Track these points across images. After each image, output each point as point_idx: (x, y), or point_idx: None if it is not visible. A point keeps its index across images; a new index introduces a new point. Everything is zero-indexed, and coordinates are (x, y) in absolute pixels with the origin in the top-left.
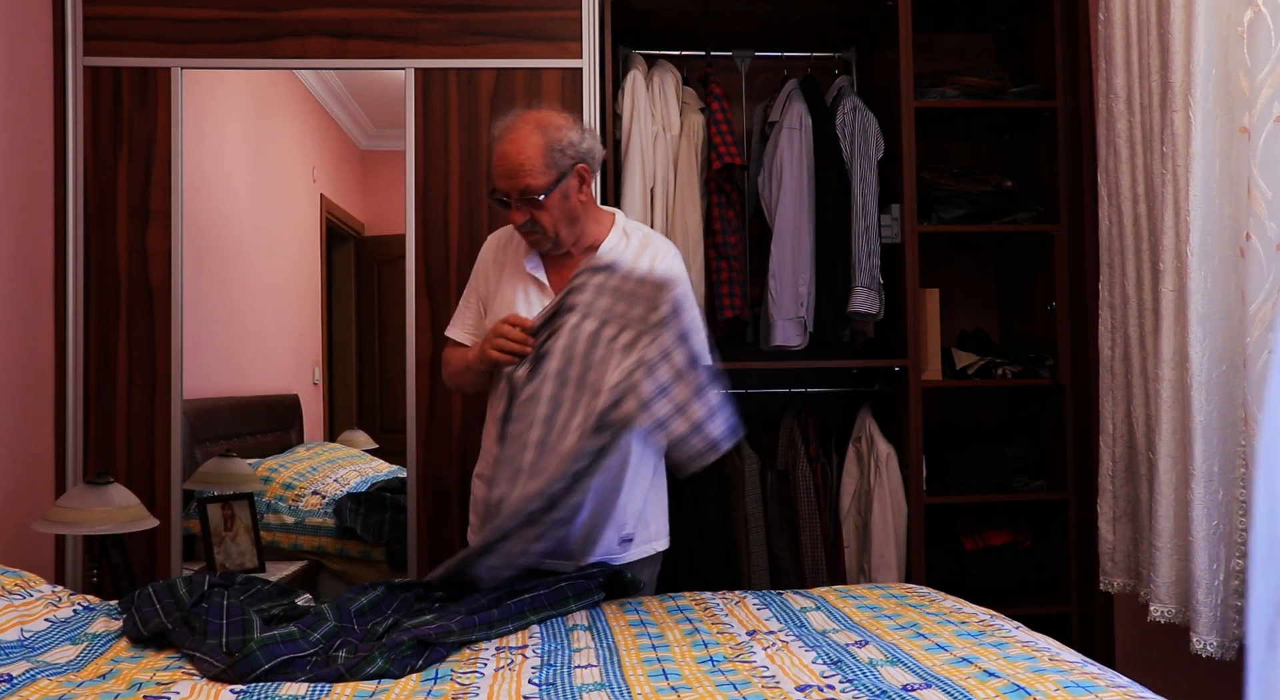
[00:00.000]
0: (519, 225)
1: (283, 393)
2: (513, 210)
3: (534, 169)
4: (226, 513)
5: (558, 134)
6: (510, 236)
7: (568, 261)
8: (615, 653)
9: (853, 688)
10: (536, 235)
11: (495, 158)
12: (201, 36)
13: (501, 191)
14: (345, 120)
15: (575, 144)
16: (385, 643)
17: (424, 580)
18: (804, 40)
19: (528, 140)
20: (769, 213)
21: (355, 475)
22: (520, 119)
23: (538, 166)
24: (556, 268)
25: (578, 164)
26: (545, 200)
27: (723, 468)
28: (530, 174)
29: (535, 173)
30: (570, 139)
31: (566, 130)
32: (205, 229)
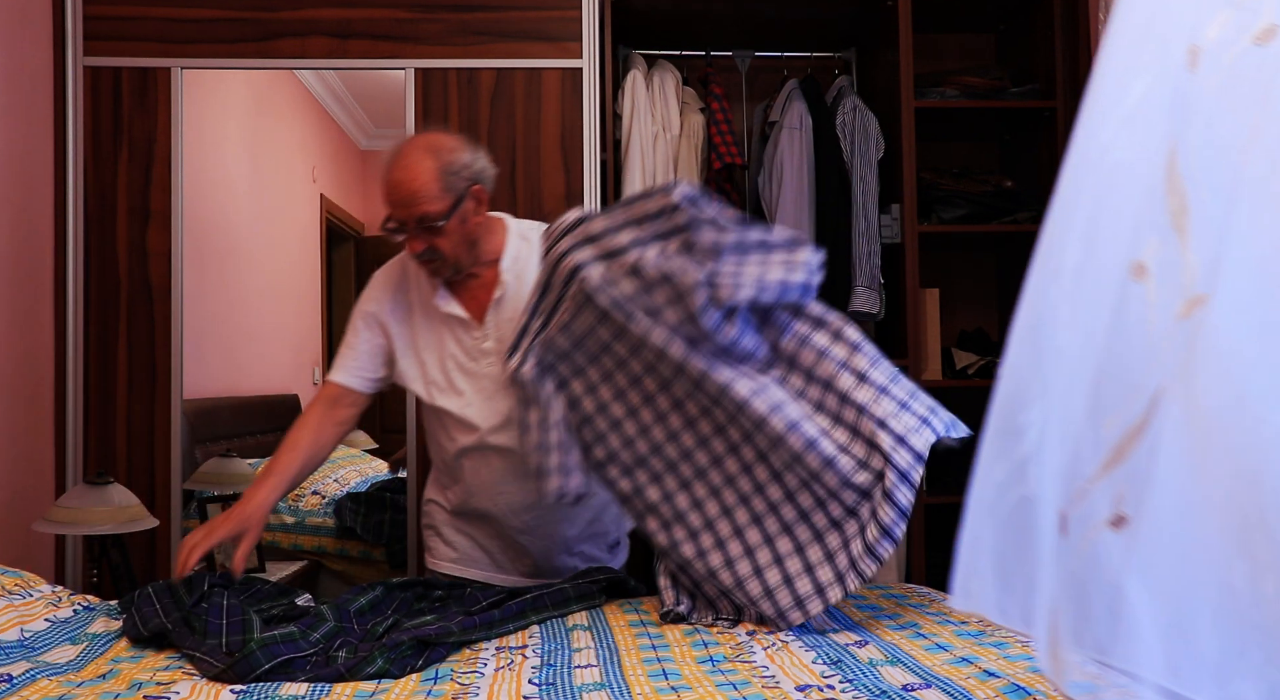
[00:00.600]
0: (417, 254)
1: (283, 393)
2: (410, 239)
3: (429, 195)
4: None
5: (450, 156)
6: (403, 277)
7: (474, 282)
8: (615, 653)
9: (853, 688)
10: (436, 263)
11: (387, 186)
12: (201, 36)
13: (396, 220)
14: (345, 120)
15: (468, 165)
16: (385, 643)
17: (424, 579)
18: (804, 40)
19: (420, 165)
20: (769, 213)
21: (355, 475)
22: (409, 144)
23: (433, 192)
24: (468, 293)
25: (473, 185)
26: (445, 226)
27: None
28: (426, 200)
29: (431, 199)
30: (463, 160)
31: (458, 152)
32: (205, 229)
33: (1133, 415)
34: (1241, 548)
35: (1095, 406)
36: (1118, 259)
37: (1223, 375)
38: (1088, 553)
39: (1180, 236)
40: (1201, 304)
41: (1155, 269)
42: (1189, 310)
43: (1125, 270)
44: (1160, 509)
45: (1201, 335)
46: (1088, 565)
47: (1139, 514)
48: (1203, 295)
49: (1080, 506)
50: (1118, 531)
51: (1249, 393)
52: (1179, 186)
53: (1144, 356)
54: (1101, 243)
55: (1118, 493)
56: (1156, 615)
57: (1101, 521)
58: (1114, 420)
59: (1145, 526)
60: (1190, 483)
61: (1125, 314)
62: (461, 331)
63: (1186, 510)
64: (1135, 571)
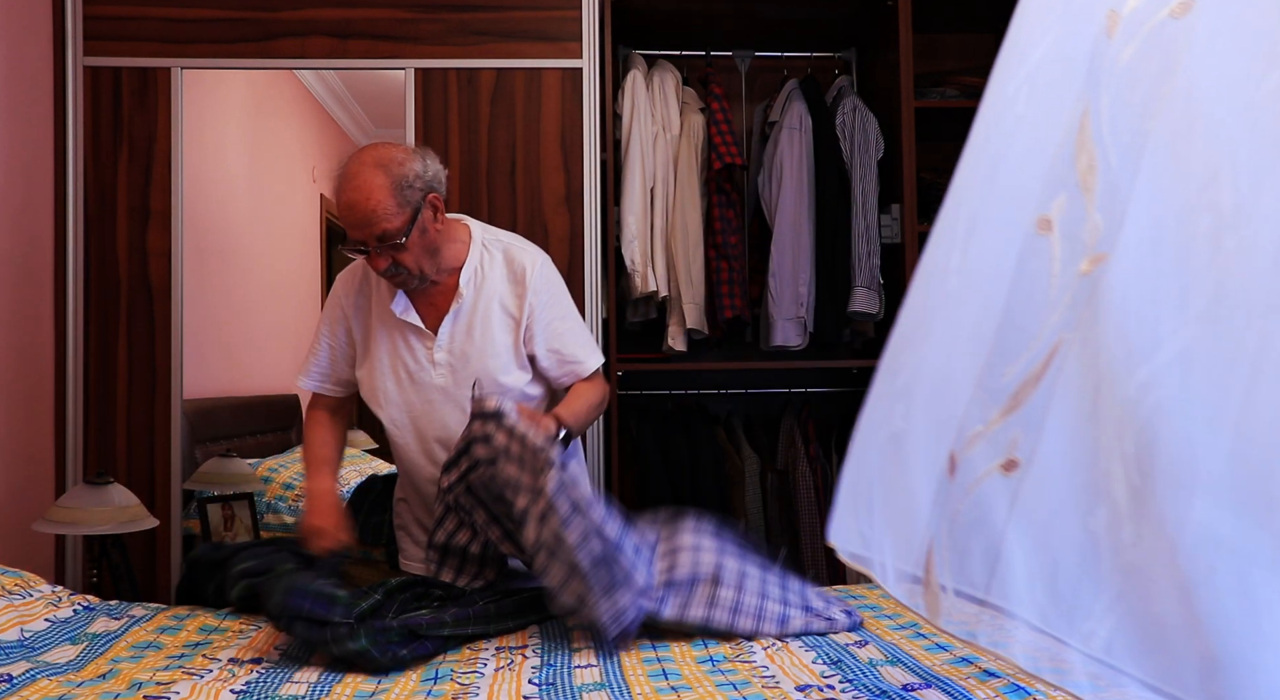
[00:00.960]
0: (381, 271)
1: (283, 393)
2: (373, 258)
3: (387, 212)
4: (226, 513)
5: (401, 169)
6: (364, 278)
7: (434, 289)
8: (615, 653)
9: (853, 688)
10: (401, 277)
11: (342, 207)
12: (201, 36)
13: (357, 242)
14: (345, 120)
15: (420, 174)
16: (374, 625)
17: (423, 578)
18: (804, 40)
19: (373, 183)
20: (769, 213)
21: (355, 475)
22: (358, 163)
23: (390, 209)
24: (427, 301)
25: (428, 194)
26: (406, 241)
27: (723, 468)
28: (384, 218)
29: (389, 216)
30: (415, 170)
31: (409, 162)
32: (205, 229)
33: (1031, 365)
34: (1107, 495)
35: (995, 355)
36: (1024, 213)
37: (1117, 330)
38: (974, 495)
39: (1087, 195)
40: (1103, 261)
41: (1060, 225)
42: (1091, 266)
43: (1031, 224)
44: (1049, 455)
45: (1100, 291)
46: (973, 506)
47: (1030, 459)
48: (1104, 253)
49: (972, 450)
50: (1007, 476)
51: (1137, 348)
52: (1089, 147)
53: (1044, 309)
54: (1003, 194)
55: (1011, 438)
56: (1029, 556)
57: (993, 466)
58: (1013, 369)
59: (1034, 471)
60: (1079, 432)
61: (1028, 266)
62: (415, 339)
63: (1072, 458)
64: (1018, 514)
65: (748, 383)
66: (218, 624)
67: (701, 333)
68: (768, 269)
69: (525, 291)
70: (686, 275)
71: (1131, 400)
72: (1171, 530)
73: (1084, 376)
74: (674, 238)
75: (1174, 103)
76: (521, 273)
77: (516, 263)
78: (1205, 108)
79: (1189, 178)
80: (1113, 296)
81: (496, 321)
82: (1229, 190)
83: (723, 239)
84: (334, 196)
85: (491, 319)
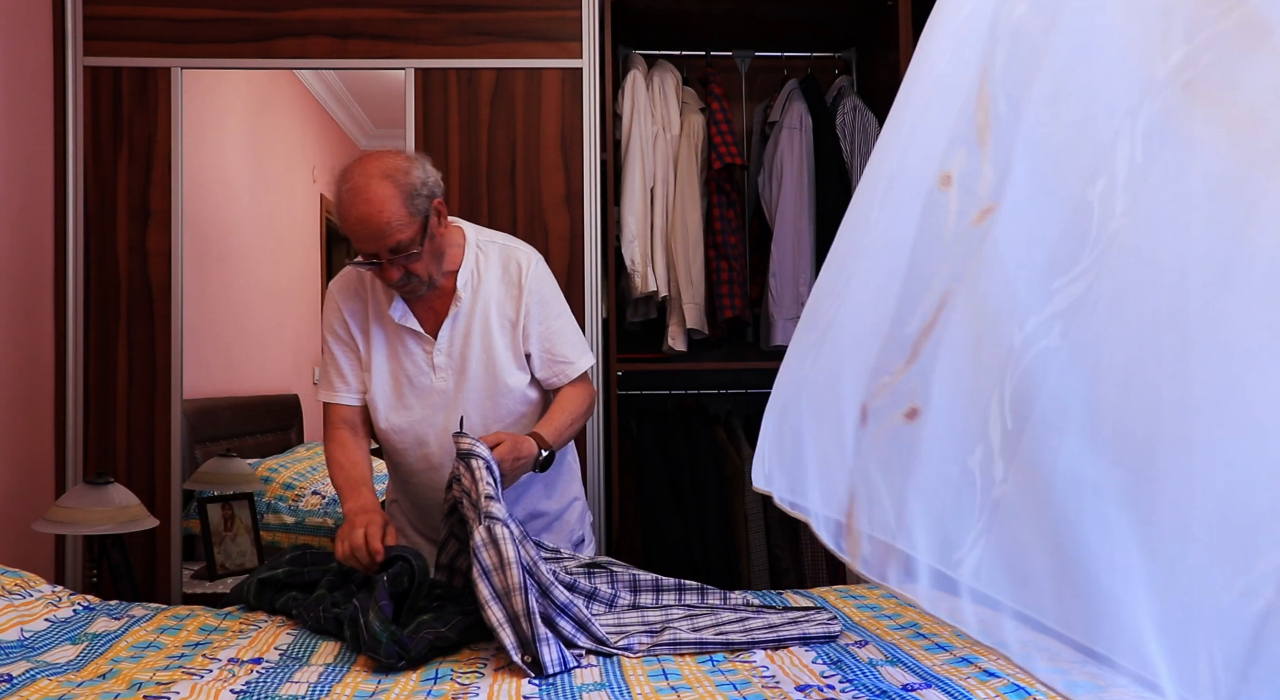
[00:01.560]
0: (393, 283)
1: (283, 393)
2: (386, 270)
3: (400, 224)
4: (226, 513)
5: (408, 179)
6: (359, 285)
7: (432, 293)
8: (615, 653)
9: (853, 688)
10: (411, 285)
11: (352, 222)
12: (201, 36)
13: (369, 255)
14: (345, 120)
15: (425, 181)
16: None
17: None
18: (804, 40)
19: (384, 195)
20: (769, 213)
21: None
22: (363, 175)
23: (403, 220)
24: (424, 306)
25: (433, 200)
26: (420, 251)
27: (723, 468)
28: (398, 229)
29: (403, 227)
30: (420, 178)
31: (413, 170)
32: (205, 229)
33: (926, 315)
34: (983, 436)
35: (900, 307)
36: (929, 168)
37: (999, 278)
38: (883, 442)
39: (982, 149)
40: (991, 212)
41: (959, 179)
42: (980, 218)
43: (935, 179)
44: (939, 401)
45: (987, 241)
46: (881, 453)
47: (926, 405)
48: (993, 204)
49: (879, 399)
50: (910, 423)
51: (1022, 298)
52: (986, 102)
53: (939, 261)
54: (917, 151)
55: (912, 387)
56: (924, 498)
57: (898, 414)
58: (914, 320)
59: (928, 418)
60: (963, 378)
61: (929, 220)
62: (414, 344)
63: (957, 403)
64: (917, 458)
65: (748, 383)
66: (218, 624)
67: (701, 333)
68: (768, 269)
69: (521, 292)
70: (686, 275)
71: (1015, 348)
72: (1041, 470)
73: (969, 325)
74: (674, 238)
75: (1056, 52)
76: (517, 273)
77: (512, 263)
78: (1081, 57)
79: (1065, 126)
80: (998, 246)
81: (495, 323)
82: (1104, 139)
83: (723, 239)
84: (339, 209)
85: (490, 321)
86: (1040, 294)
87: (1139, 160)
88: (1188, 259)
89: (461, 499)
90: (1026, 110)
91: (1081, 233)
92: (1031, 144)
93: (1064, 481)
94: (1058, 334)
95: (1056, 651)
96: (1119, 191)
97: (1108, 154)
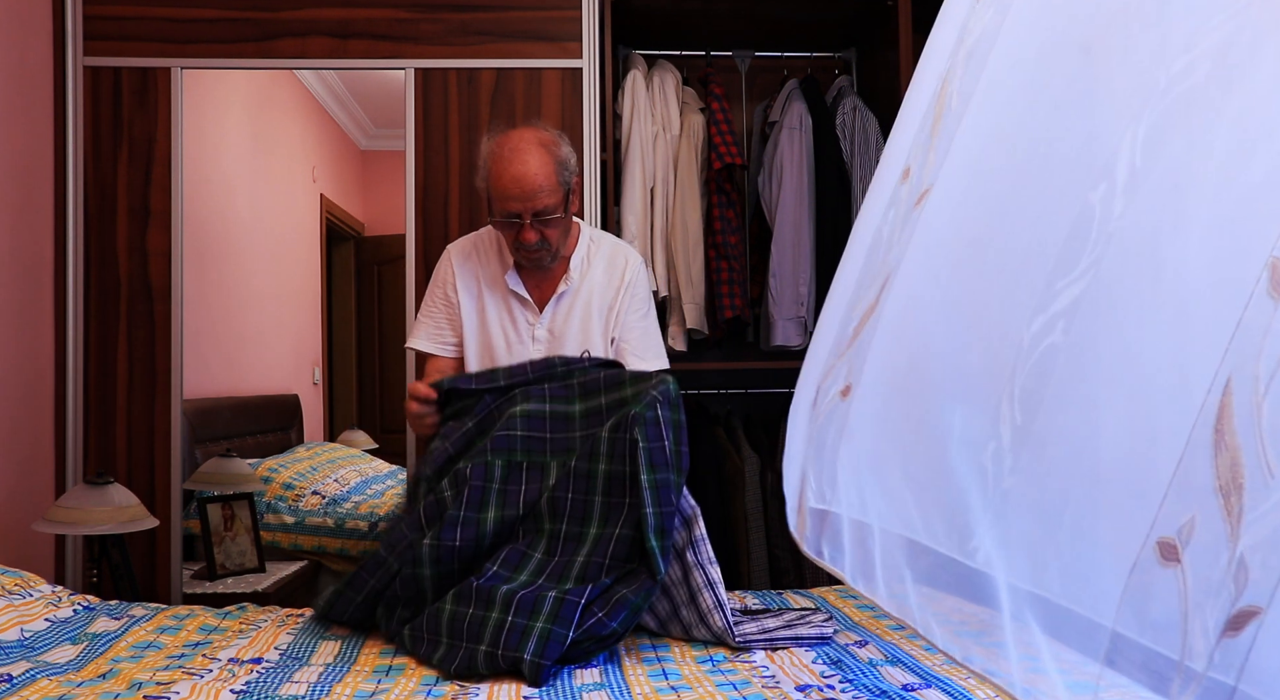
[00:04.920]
0: (530, 245)
1: (283, 393)
2: (525, 231)
3: (551, 187)
4: (226, 513)
5: (559, 151)
6: (473, 251)
7: (542, 273)
8: (615, 653)
9: (853, 688)
10: (541, 252)
11: (506, 180)
12: (201, 36)
13: (512, 214)
14: (345, 120)
15: (569, 158)
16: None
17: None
18: (804, 40)
19: (539, 160)
20: (769, 213)
21: (355, 475)
22: (522, 140)
23: (553, 185)
24: (532, 281)
25: (574, 178)
26: (561, 218)
27: (723, 468)
28: (548, 193)
29: (552, 191)
30: (567, 154)
31: (563, 146)
32: (205, 229)
33: (870, 299)
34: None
35: (855, 294)
36: (897, 166)
37: (925, 258)
38: (823, 419)
39: (932, 139)
40: (927, 195)
41: (914, 170)
42: (920, 201)
43: (899, 175)
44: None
45: (921, 223)
46: (821, 430)
47: (858, 382)
48: (929, 188)
49: (827, 380)
50: (845, 399)
51: (941, 273)
52: (944, 99)
53: (888, 248)
54: (890, 154)
55: (850, 367)
56: (850, 461)
57: (836, 392)
58: (859, 305)
59: (859, 393)
60: (888, 355)
61: (889, 213)
62: (520, 312)
63: (879, 378)
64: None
65: (748, 383)
66: (218, 624)
67: (701, 333)
68: (768, 269)
69: (623, 286)
70: (686, 275)
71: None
72: (928, 428)
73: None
74: (674, 238)
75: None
76: (623, 266)
77: (619, 257)
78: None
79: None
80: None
81: (595, 308)
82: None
83: (723, 239)
84: (493, 168)
85: (591, 305)
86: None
87: (1139, 165)
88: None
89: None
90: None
91: (1084, 235)
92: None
93: (945, 437)
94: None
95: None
96: (1119, 195)
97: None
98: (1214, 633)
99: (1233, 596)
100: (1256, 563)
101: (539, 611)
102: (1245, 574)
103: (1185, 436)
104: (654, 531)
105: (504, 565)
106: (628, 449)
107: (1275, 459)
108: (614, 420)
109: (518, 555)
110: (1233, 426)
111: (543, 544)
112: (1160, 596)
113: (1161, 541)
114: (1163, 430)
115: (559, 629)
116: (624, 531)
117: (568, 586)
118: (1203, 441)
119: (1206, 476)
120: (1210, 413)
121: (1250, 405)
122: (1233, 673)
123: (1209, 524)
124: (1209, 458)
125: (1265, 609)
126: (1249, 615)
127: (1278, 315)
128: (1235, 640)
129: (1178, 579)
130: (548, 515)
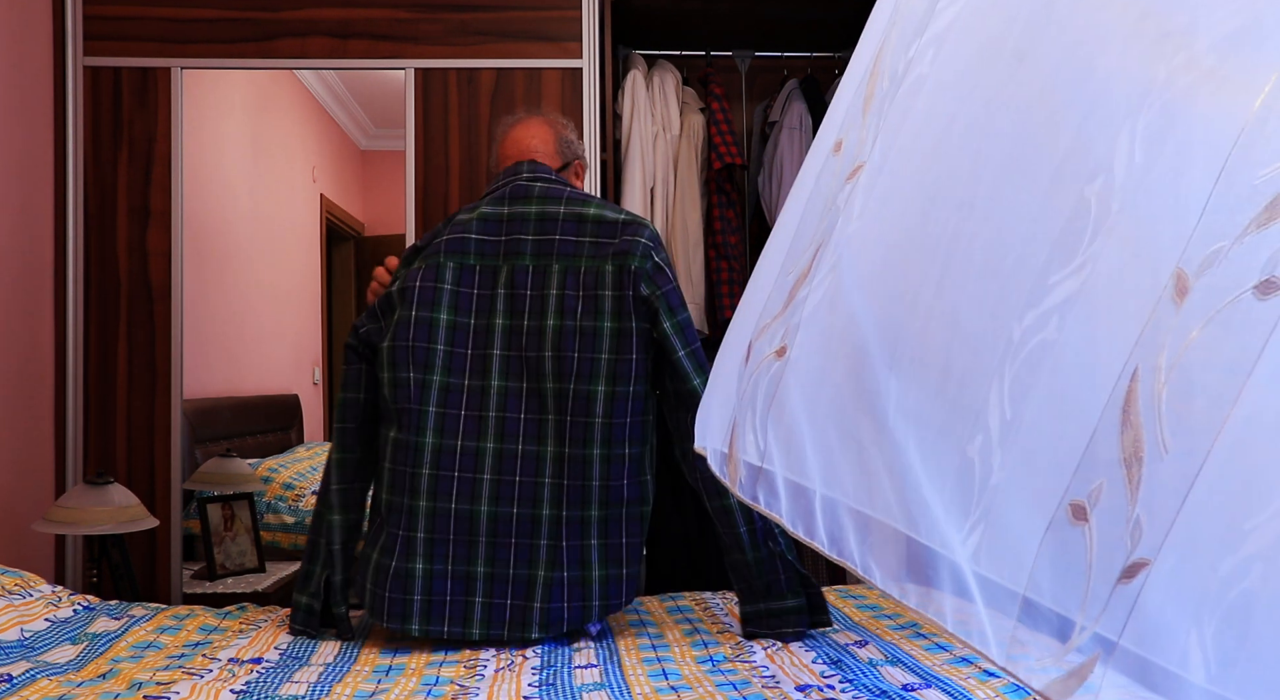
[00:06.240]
0: None
1: (283, 393)
2: None
3: (547, 151)
4: (226, 513)
5: (563, 130)
6: None
7: None
8: (615, 653)
9: (853, 688)
10: None
11: (507, 142)
12: (201, 36)
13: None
14: (345, 120)
15: (575, 143)
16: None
17: None
18: (804, 40)
19: (540, 128)
20: (769, 213)
21: None
22: (529, 114)
23: (551, 149)
24: None
25: (576, 160)
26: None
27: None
28: (545, 156)
29: (549, 155)
30: (571, 136)
31: (570, 129)
32: (205, 229)
33: (803, 266)
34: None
35: (786, 260)
36: (829, 139)
37: (856, 229)
38: (754, 377)
39: (864, 116)
40: (860, 169)
41: (846, 145)
42: (852, 174)
43: (831, 147)
44: (802, 342)
45: (854, 195)
46: (753, 387)
47: (793, 344)
48: (862, 162)
49: (760, 339)
50: (779, 359)
51: (870, 241)
52: (876, 76)
53: (819, 217)
54: (827, 126)
55: (785, 329)
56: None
57: (770, 352)
58: (792, 271)
59: (794, 355)
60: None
61: (820, 184)
62: None
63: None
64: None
65: None
66: (218, 624)
67: (702, 333)
68: None
69: None
70: (686, 275)
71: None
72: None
73: (832, 271)
74: (674, 238)
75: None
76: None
77: None
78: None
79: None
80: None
81: None
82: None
83: (723, 239)
84: (496, 142)
85: None
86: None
87: (1138, 160)
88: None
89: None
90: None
91: (1079, 229)
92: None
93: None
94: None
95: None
96: (1116, 190)
97: (1107, 154)
98: (1112, 579)
99: (1128, 550)
100: (1148, 522)
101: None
102: (1139, 532)
103: (1098, 415)
104: (694, 371)
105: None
106: (632, 307)
107: (1170, 437)
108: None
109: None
110: (1137, 408)
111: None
112: (1070, 550)
113: (1074, 504)
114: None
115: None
116: (636, 388)
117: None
118: (1112, 420)
119: (1114, 450)
120: (1120, 396)
121: (1152, 392)
122: (1125, 613)
123: (1113, 490)
124: (1116, 434)
125: (1153, 560)
126: (1140, 566)
127: (1178, 317)
128: (1128, 586)
129: (1085, 535)
130: (552, 374)
